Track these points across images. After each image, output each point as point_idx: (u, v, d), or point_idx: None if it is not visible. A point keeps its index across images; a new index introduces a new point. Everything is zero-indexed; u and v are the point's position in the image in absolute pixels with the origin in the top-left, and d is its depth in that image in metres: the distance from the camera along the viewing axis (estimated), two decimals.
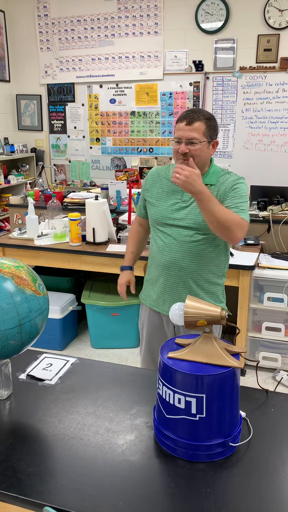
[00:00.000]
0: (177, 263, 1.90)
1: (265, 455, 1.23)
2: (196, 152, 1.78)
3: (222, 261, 1.97)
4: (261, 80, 4.74)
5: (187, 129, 1.77)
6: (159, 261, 1.95)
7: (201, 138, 1.78)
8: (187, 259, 1.88)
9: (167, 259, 1.91)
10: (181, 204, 1.88)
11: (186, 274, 1.90)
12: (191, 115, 1.78)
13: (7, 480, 1.14)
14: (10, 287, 1.26)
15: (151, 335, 2.10)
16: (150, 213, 1.98)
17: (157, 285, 1.99)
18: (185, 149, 1.77)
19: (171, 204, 1.90)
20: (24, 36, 5.50)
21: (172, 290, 1.94)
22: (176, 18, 4.88)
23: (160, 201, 1.93)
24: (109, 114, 5.40)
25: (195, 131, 1.77)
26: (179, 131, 1.80)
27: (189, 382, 1.17)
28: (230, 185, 1.84)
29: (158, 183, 1.97)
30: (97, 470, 1.17)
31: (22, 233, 3.38)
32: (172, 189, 1.92)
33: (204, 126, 1.79)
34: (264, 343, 3.08)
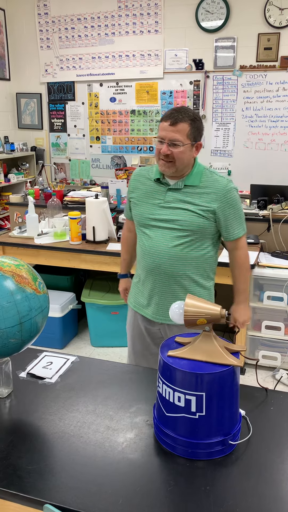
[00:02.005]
0: (160, 268, 1.85)
1: (264, 453, 1.23)
2: (178, 155, 1.73)
3: (209, 261, 1.90)
4: (262, 78, 4.74)
5: (170, 130, 1.72)
6: (143, 264, 1.91)
7: (185, 140, 1.73)
8: (170, 264, 1.83)
9: (150, 263, 1.87)
10: (164, 204, 1.84)
11: (170, 278, 1.86)
12: (175, 115, 1.72)
13: (7, 477, 1.14)
14: (11, 286, 1.27)
15: (134, 337, 2.08)
16: (134, 214, 1.94)
17: (143, 288, 1.96)
18: (167, 150, 1.73)
19: (154, 204, 1.85)
20: (24, 34, 5.49)
21: (156, 294, 1.90)
22: (176, 17, 4.87)
23: (143, 202, 1.89)
24: (109, 113, 5.40)
25: (178, 133, 1.72)
26: (162, 130, 1.74)
27: (188, 381, 1.18)
28: (222, 194, 1.79)
29: (140, 184, 1.92)
30: (97, 468, 1.18)
31: (22, 231, 3.38)
32: (154, 189, 1.87)
33: (188, 127, 1.73)
34: (264, 341, 3.09)
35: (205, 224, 1.80)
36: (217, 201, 1.79)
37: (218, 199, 1.79)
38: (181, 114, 1.73)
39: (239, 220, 1.86)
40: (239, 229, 1.86)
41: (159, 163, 1.79)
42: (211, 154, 5.10)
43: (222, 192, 1.79)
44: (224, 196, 1.79)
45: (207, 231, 1.83)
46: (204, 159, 5.13)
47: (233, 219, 1.83)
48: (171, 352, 1.26)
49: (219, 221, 1.82)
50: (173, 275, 1.84)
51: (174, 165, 1.76)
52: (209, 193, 1.79)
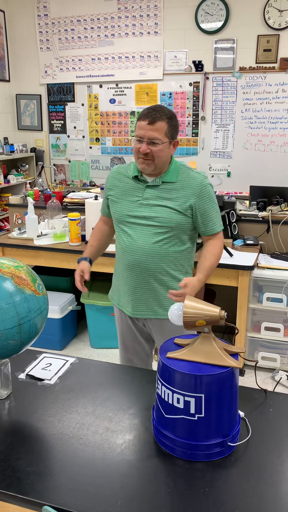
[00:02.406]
0: (141, 264, 1.88)
1: (263, 454, 1.23)
2: (157, 153, 1.77)
3: (187, 257, 1.94)
4: (261, 80, 4.74)
5: (148, 129, 1.75)
6: (123, 261, 1.94)
7: (163, 138, 1.77)
8: (150, 260, 1.87)
9: (130, 260, 1.89)
10: (142, 201, 1.87)
11: (150, 274, 1.89)
12: (153, 114, 1.75)
13: (6, 479, 1.14)
14: (10, 287, 1.27)
15: (123, 333, 2.12)
16: (113, 211, 1.96)
17: (122, 285, 1.98)
18: (146, 149, 1.76)
19: (132, 202, 1.89)
20: (24, 36, 5.50)
21: (136, 291, 1.93)
22: (176, 18, 4.88)
23: (121, 199, 1.92)
24: (108, 114, 5.40)
25: (157, 131, 1.75)
26: (140, 129, 1.77)
27: (188, 382, 1.18)
28: (199, 189, 1.84)
29: (119, 182, 1.95)
30: (96, 470, 1.18)
31: (21, 233, 3.38)
32: (132, 187, 1.90)
33: (166, 126, 1.77)
34: (263, 343, 3.09)
35: (183, 221, 1.85)
36: (194, 196, 1.84)
37: (194, 195, 1.84)
38: (158, 113, 1.75)
39: (216, 215, 1.91)
40: (216, 224, 1.91)
41: (138, 161, 1.82)
42: (211, 155, 5.11)
43: (198, 188, 1.84)
44: (200, 192, 1.84)
45: (185, 227, 1.87)
46: (203, 160, 5.14)
47: (210, 215, 1.87)
48: (170, 353, 1.26)
49: (196, 217, 1.86)
50: (153, 271, 1.88)
51: (153, 163, 1.79)
52: (186, 189, 1.84)
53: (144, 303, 1.93)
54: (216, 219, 1.90)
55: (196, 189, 1.84)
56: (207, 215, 1.87)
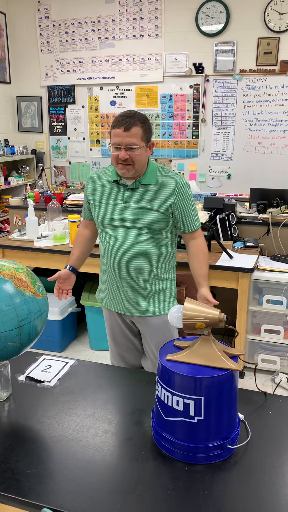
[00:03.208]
0: (126, 264, 1.94)
1: (263, 457, 1.23)
2: (136, 158, 1.83)
3: (170, 255, 2.02)
4: (261, 83, 4.75)
5: (125, 135, 1.79)
6: (109, 263, 2.00)
7: (140, 143, 1.82)
8: (135, 260, 1.93)
9: (116, 261, 1.96)
10: (123, 204, 1.93)
11: (136, 273, 1.95)
12: (127, 121, 1.80)
13: (5, 481, 1.14)
14: (10, 289, 1.27)
15: (114, 332, 2.17)
16: (95, 216, 2.01)
17: (109, 285, 2.05)
18: (125, 155, 1.81)
19: (114, 205, 1.94)
20: (24, 38, 5.51)
21: (124, 289, 1.99)
22: (176, 21, 4.89)
23: (103, 203, 1.97)
24: (109, 116, 5.41)
25: (133, 137, 1.80)
26: (117, 137, 1.81)
27: (187, 385, 1.18)
28: (177, 189, 1.91)
29: (99, 186, 2.00)
30: (96, 472, 1.18)
31: (22, 234, 3.38)
32: (113, 191, 1.96)
33: (141, 130, 1.82)
34: (263, 345, 3.09)
35: (164, 220, 1.92)
36: (173, 196, 1.91)
37: (173, 195, 1.91)
38: (132, 119, 1.81)
39: (194, 213, 1.99)
40: (195, 222, 1.99)
41: (118, 167, 1.87)
42: (211, 157, 5.11)
43: (176, 188, 1.91)
44: (178, 192, 1.91)
45: (166, 227, 1.95)
46: (204, 162, 5.15)
47: (188, 213, 1.96)
48: (169, 356, 1.26)
49: (176, 216, 1.94)
50: (138, 270, 1.95)
51: (133, 168, 1.85)
52: (165, 190, 1.91)
53: (132, 302, 2.00)
54: (194, 217, 1.99)
55: (175, 189, 1.91)
56: (186, 214, 1.95)
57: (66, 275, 2.14)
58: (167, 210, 1.91)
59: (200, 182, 5.17)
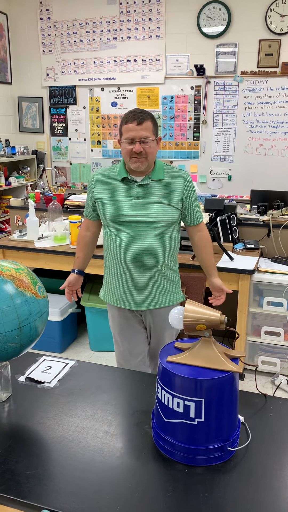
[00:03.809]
0: (142, 259, 1.98)
1: (263, 459, 1.23)
2: (150, 150, 1.91)
3: (177, 247, 2.12)
4: (262, 84, 4.75)
5: (139, 129, 1.87)
6: (122, 259, 2.01)
7: (152, 136, 1.91)
8: (151, 253, 1.98)
9: (130, 256, 1.99)
10: (135, 200, 1.97)
11: (151, 267, 2.01)
12: (139, 115, 1.88)
13: (5, 482, 1.14)
14: (10, 290, 1.27)
15: (123, 329, 2.17)
16: (105, 213, 2.03)
17: (120, 282, 2.06)
18: (140, 148, 1.88)
19: (125, 201, 1.98)
20: (26, 38, 5.51)
21: (138, 285, 2.03)
22: (178, 22, 4.90)
23: (113, 200, 2.00)
24: (110, 117, 5.41)
25: (146, 130, 1.89)
26: (130, 131, 1.89)
27: (188, 386, 1.18)
28: (186, 184, 2.02)
29: (106, 185, 2.03)
30: (96, 473, 1.17)
31: (22, 235, 3.38)
32: (122, 187, 2.00)
33: (151, 124, 1.91)
34: (263, 347, 3.08)
35: (175, 214, 2.02)
36: (183, 190, 2.01)
37: (183, 189, 2.01)
38: (143, 114, 1.90)
39: (198, 206, 2.12)
40: (199, 215, 2.12)
41: (131, 161, 1.93)
42: (212, 159, 5.11)
43: (185, 182, 2.02)
44: (187, 186, 2.03)
45: (176, 220, 2.05)
46: (204, 163, 5.15)
47: (195, 206, 2.08)
48: (170, 357, 1.26)
49: (185, 209, 2.05)
50: (153, 263, 2.00)
51: (146, 160, 1.92)
52: (175, 185, 2.00)
53: (147, 295, 2.04)
54: (199, 210, 2.11)
55: (184, 184, 2.02)
56: (193, 207, 2.07)
57: (75, 280, 2.26)
58: (177, 204, 2.00)
59: (200, 183, 5.17)
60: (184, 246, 2.91)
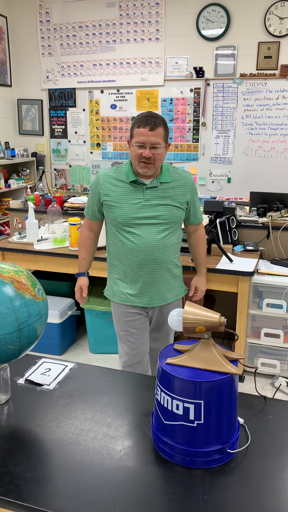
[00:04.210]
0: (152, 259, 2.06)
1: (263, 461, 1.23)
2: (159, 156, 1.94)
3: (180, 242, 2.20)
4: (262, 87, 4.76)
5: (151, 135, 1.89)
6: (133, 260, 2.07)
7: (162, 143, 1.93)
8: (160, 253, 2.06)
9: (142, 257, 2.05)
10: (144, 203, 2.01)
11: (161, 266, 2.09)
12: (153, 121, 1.89)
13: (4, 485, 1.14)
14: (10, 292, 1.27)
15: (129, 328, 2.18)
16: (114, 217, 2.05)
17: (132, 281, 2.12)
18: (149, 153, 1.90)
19: (134, 204, 2.02)
20: (26, 41, 5.53)
21: (150, 283, 2.11)
22: (177, 25, 4.91)
23: (121, 203, 2.03)
24: (109, 120, 5.42)
25: (157, 137, 1.90)
26: (141, 136, 1.90)
27: (187, 388, 1.18)
28: (190, 185, 2.10)
29: (113, 186, 2.05)
30: (95, 476, 1.17)
31: (22, 237, 3.38)
32: (131, 190, 2.03)
33: (163, 131, 1.93)
34: (263, 349, 3.08)
35: (182, 214, 2.11)
36: (188, 192, 2.09)
37: (188, 190, 2.09)
38: (157, 119, 1.91)
39: (199, 206, 2.22)
40: (201, 214, 2.24)
41: (139, 166, 1.95)
42: (211, 161, 5.12)
43: (189, 183, 2.10)
44: (191, 187, 2.11)
45: (181, 220, 2.15)
46: (204, 166, 5.15)
47: (197, 206, 2.18)
48: (169, 359, 1.26)
49: (189, 209, 2.15)
50: (163, 262, 2.09)
51: (153, 166, 1.95)
52: (181, 187, 2.07)
53: (158, 293, 2.14)
54: (200, 210, 2.22)
55: (189, 185, 2.09)
56: (196, 207, 2.18)
57: (87, 283, 2.30)
58: (184, 205, 2.08)
59: (200, 185, 5.18)
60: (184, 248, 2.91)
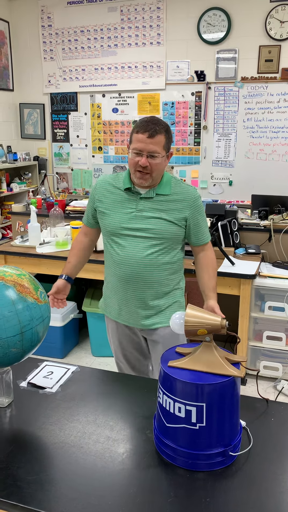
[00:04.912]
0: (137, 276, 1.86)
1: (265, 464, 1.23)
2: (156, 166, 1.78)
3: (179, 265, 1.96)
4: (263, 90, 4.78)
5: (148, 142, 1.74)
6: (117, 274, 1.90)
7: (162, 151, 1.78)
8: (145, 271, 1.86)
9: (125, 272, 1.87)
10: (136, 213, 1.85)
11: (146, 285, 1.88)
12: (153, 128, 1.74)
13: (7, 488, 1.14)
14: (12, 295, 1.27)
15: (122, 344, 2.08)
16: (104, 224, 1.92)
17: (116, 297, 1.96)
18: (146, 162, 1.75)
19: (126, 213, 1.86)
20: (28, 46, 5.56)
21: (132, 302, 1.92)
22: (178, 29, 4.93)
23: (113, 211, 1.89)
24: (111, 123, 5.44)
25: (156, 145, 1.75)
26: (139, 142, 1.75)
27: (189, 391, 1.18)
28: (192, 201, 1.88)
29: (108, 193, 1.91)
30: (97, 479, 1.17)
31: (24, 240, 3.39)
32: (125, 198, 1.88)
33: (164, 139, 1.78)
34: (265, 352, 3.08)
35: (177, 232, 1.88)
36: (188, 208, 1.87)
37: (189, 207, 1.87)
38: (157, 126, 1.75)
39: (206, 226, 1.96)
40: (206, 234, 1.96)
41: (135, 175, 1.81)
42: (213, 164, 5.13)
43: (192, 200, 1.88)
44: (194, 204, 1.88)
45: (178, 238, 1.90)
46: (205, 169, 5.16)
47: (201, 226, 1.93)
48: (171, 362, 1.26)
49: (189, 228, 1.90)
50: (148, 281, 1.88)
51: (151, 176, 1.79)
52: (181, 201, 1.87)
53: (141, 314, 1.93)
54: (206, 230, 1.96)
55: (190, 202, 1.88)
56: (198, 226, 1.92)
57: (63, 286, 2.06)
58: (180, 222, 1.87)
59: (201, 188, 5.18)
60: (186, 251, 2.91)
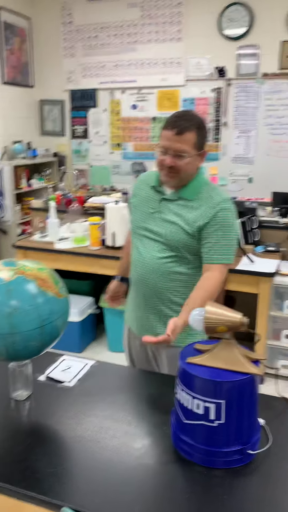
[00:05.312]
0: (146, 280, 1.71)
1: (283, 464, 1.21)
2: (184, 166, 1.59)
3: (192, 281, 1.67)
4: (285, 86, 4.71)
5: (175, 140, 1.55)
6: (132, 275, 1.82)
7: (191, 151, 1.58)
8: (155, 277, 1.69)
9: (138, 275, 1.75)
10: (155, 214, 1.71)
11: (154, 293, 1.71)
12: (181, 124, 1.55)
13: (26, 479, 1.15)
14: (33, 289, 1.28)
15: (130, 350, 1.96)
16: (130, 220, 1.84)
17: (130, 300, 1.88)
18: (171, 162, 1.58)
19: (146, 213, 1.73)
20: (49, 42, 5.58)
21: (140, 308, 1.78)
22: (199, 25, 4.89)
23: (138, 208, 1.78)
24: (130, 120, 5.43)
25: (184, 143, 1.56)
26: (166, 140, 1.58)
27: (208, 388, 1.17)
28: (214, 211, 1.62)
29: (140, 190, 1.80)
30: (114, 473, 1.18)
31: (43, 236, 3.42)
32: (150, 196, 1.74)
33: (194, 137, 1.58)
34: (283, 351, 3.04)
35: (189, 241, 1.65)
36: (207, 218, 1.62)
37: (207, 216, 1.62)
38: (187, 122, 1.57)
39: (226, 245, 1.63)
40: (223, 255, 1.62)
41: (161, 174, 1.66)
42: (232, 161, 5.08)
43: (213, 209, 1.62)
44: (215, 214, 1.61)
45: (192, 249, 1.66)
46: (225, 166, 5.11)
47: (217, 242, 1.62)
48: (190, 359, 1.25)
49: (202, 240, 1.64)
50: (161, 289, 1.70)
51: (178, 177, 1.63)
52: (200, 208, 1.64)
53: (147, 324, 1.77)
54: (223, 250, 1.63)
55: (212, 211, 1.62)
56: (214, 242, 1.62)
57: (115, 287, 2.03)
58: (192, 229, 1.63)
59: (221, 185, 5.14)
60: None
